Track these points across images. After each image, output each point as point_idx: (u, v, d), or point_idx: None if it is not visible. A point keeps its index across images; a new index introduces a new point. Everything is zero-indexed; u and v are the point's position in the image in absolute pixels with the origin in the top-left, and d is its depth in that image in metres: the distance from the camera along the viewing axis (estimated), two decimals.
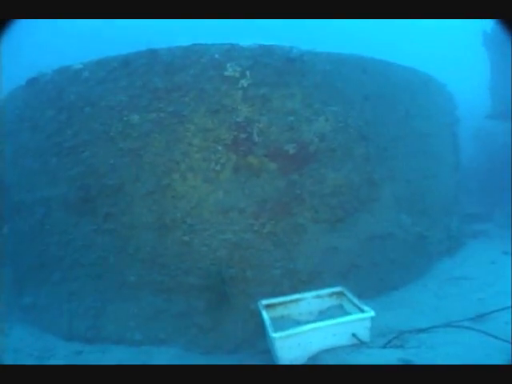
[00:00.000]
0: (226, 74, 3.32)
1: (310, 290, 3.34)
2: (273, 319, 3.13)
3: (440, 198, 4.51)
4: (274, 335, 2.65)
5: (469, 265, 4.34)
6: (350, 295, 3.19)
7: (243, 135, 3.33)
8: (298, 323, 3.17)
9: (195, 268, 3.25)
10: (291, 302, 3.24)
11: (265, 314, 2.95)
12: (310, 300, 3.28)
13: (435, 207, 4.37)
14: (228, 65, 3.33)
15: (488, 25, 7.35)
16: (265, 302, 3.16)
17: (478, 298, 3.48)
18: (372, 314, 2.82)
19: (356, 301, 3.07)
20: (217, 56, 3.35)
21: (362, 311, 2.90)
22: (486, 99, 7.03)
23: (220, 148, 3.30)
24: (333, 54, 3.63)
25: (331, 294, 3.33)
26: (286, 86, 3.44)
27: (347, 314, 3.11)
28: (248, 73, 3.35)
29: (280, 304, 3.22)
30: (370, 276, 3.62)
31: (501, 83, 6.30)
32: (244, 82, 3.34)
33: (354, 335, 2.81)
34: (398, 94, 4.00)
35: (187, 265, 3.26)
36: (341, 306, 3.30)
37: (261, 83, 3.38)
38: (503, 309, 3.05)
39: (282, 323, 3.15)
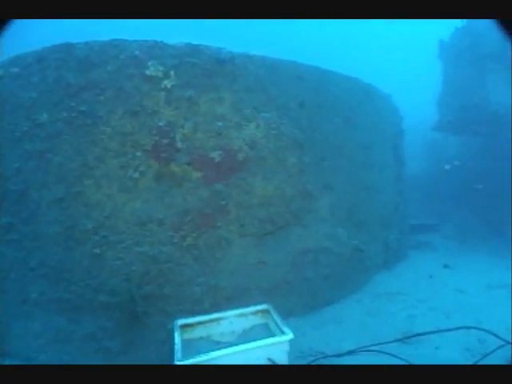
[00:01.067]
0: (148, 73, 3.06)
1: (234, 307, 3.12)
2: (190, 341, 2.90)
3: (379, 210, 4.45)
4: (179, 363, 2.40)
5: (406, 279, 4.29)
6: (274, 314, 2.99)
7: (165, 141, 3.07)
8: (218, 344, 2.95)
9: (106, 284, 2.94)
10: (211, 321, 3.00)
11: (177, 336, 2.69)
12: (232, 319, 3.05)
13: (374, 219, 4.30)
14: (150, 63, 3.07)
15: (444, 34, 7.46)
16: (181, 321, 2.90)
17: (408, 315, 3.39)
18: (290, 337, 2.63)
19: (278, 321, 2.88)
20: (137, 53, 3.08)
21: (283, 333, 2.71)
22: (436, 112, 7.16)
23: (139, 154, 3.03)
24: (267, 59, 3.46)
25: (256, 312, 3.12)
26: (215, 89, 3.22)
27: (272, 333, 2.92)
28: (172, 73, 3.11)
29: (199, 324, 2.97)
30: (301, 292, 3.45)
31: (450, 95, 6.41)
32: (167, 83, 3.09)
33: (269, 359, 2.61)
34: (337, 102, 3.89)
35: (97, 281, 2.95)
36: (266, 325, 3.10)
37: (187, 85, 3.14)
38: (433, 332, 2.94)
39: (201, 345, 2.90)
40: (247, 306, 3.13)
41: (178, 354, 2.48)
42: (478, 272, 4.60)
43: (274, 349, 2.63)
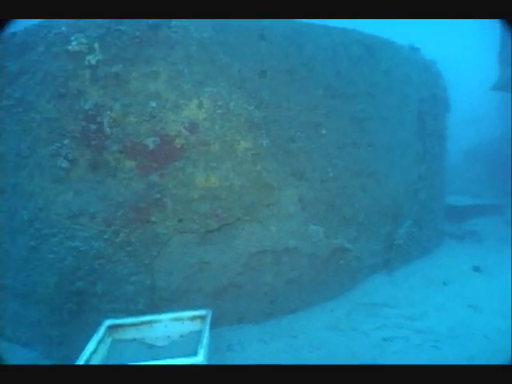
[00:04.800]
0: (71, 48, 2.71)
1: (174, 310, 2.87)
2: (121, 342, 2.77)
3: (381, 200, 3.57)
4: None
5: (407, 285, 3.46)
6: (206, 323, 2.66)
7: (93, 126, 2.76)
8: (151, 348, 2.77)
9: (43, 277, 2.92)
10: (143, 323, 2.80)
11: (94, 338, 2.55)
12: (166, 323, 2.81)
13: (370, 212, 3.47)
14: (73, 37, 2.70)
15: None
16: (110, 322, 2.76)
17: (384, 337, 2.73)
18: (199, 359, 2.28)
19: (205, 333, 2.54)
20: (63, 28, 2.73)
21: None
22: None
23: (66, 142, 2.79)
24: (216, 17, 2.79)
25: (193, 318, 2.82)
26: (147, 61, 2.74)
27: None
28: (97, 45, 2.70)
29: (130, 325, 2.80)
30: (255, 297, 3.01)
31: (510, 45, 4.74)
32: (91, 59, 2.70)
33: None
34: (316, 66, 3.06)
35: (36, 273, 2.94)
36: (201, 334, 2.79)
37: (114, 59, 2.72)
38: None
39: (130, 348, 2.75)
40: (188, 309, 2.86)
41: (79, 362, 2.34)
42: None
43: None
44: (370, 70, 3.35)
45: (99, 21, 2.73)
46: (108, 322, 2.74)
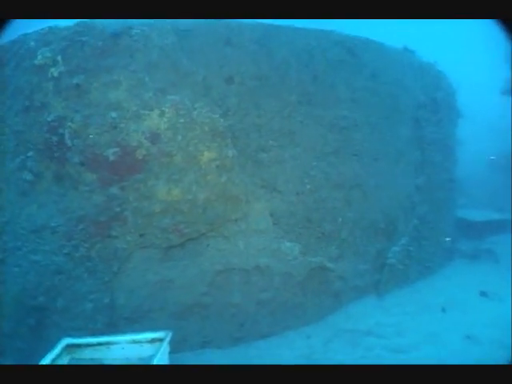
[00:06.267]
0: (36, 62, 2.70)
1: (135, 330, 2.70)
2: (79, 361, 2.64)
3: (369, 215, 3.22)
4: None
5: (401, 311, 3.06)
6: (163, 347, 2.46)
7: (55, 138, 2.72)
8: None
9: (10, 291, 2.87)
10: (100, 344, 2.65)
11: (48, 356, 2.43)
12: (124, 345, 2.64)
13: (357, 227, 3.14)
14: (39, 51, 2.70)
15: None
16: (68, 341, 2.62)
17: None
18: None
19: (154, 359, 2.34)
20: (32, 43, 2.75)
21: None
22: None
23: (31, 154, 2.76)
24: (180, 23, 2.69)
25: (153, 340, 2.63)
26: (108, 71, 2.67)
27: None
28: (59, 58, 2.68)
29: (87, 345, 2.66)
30: (222, 319, 2.78)
31: None
32: (54, 71, 2.68)
33: None
34: (291, 70, 2.85)
35: (4, 287, 2.90)
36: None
37: (75, 70, 2.68)
38: None
39: None
40: (149, 330, 2.68)
41: None
42: None
43: None
44: (353, 74, 3.08)
45: (63, 33, 2.71)
46: (66, 341, 2.62)
